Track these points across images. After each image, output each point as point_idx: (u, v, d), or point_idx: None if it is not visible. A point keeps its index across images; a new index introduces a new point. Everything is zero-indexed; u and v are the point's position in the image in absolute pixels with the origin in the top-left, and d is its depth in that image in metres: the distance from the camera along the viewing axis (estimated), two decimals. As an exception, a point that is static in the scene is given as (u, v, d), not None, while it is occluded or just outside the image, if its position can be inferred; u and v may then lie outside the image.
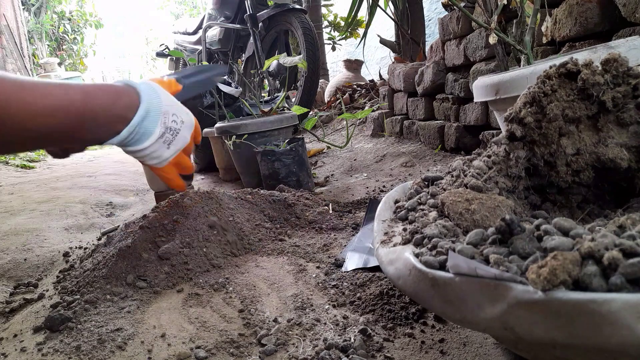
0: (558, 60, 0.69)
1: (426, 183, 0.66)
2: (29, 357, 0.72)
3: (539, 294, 0.32)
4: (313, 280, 0.92)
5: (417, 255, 0.45)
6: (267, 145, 1.88)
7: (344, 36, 4.39)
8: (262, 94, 3.53)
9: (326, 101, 3.94)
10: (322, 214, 1.33)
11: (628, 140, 0.52)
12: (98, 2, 8.23)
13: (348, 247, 1.06)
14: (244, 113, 2.53)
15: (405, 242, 0.50)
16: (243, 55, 3.54)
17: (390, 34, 4.04)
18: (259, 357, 0.67)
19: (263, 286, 0.90)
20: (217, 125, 2.08)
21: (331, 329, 0.73)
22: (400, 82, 2.45)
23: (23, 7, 6.24)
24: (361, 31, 4.16)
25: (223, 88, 2.52)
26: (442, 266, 0.42)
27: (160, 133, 0.63)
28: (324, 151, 2.72)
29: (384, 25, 4.90)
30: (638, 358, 0.31)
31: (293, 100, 3.10)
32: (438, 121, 2.11)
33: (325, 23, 4.73)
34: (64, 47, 7.48)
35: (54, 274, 1.11)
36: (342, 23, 4.61)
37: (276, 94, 3.01)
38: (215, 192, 1.24)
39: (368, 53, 5.76)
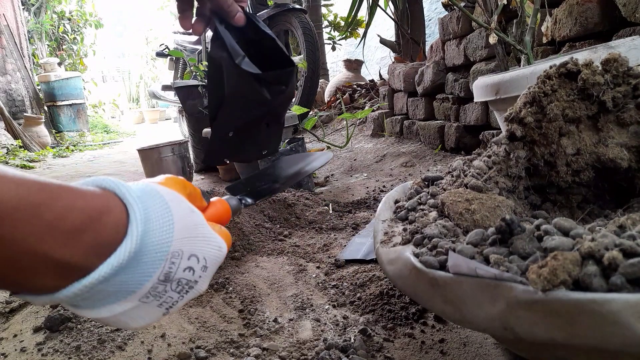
0: (558, 60, 0.69)
1: (426, 183, 0.66)
2: (29, 357, 0.72)
3: (539, 294, 0.32)
4: (313, 280, 0.92)
5: (417, 255, 0.45)
6: (267, 145, 1.87)
7: (344, 36, 4.39)
8: (262, 94, 3.52)
9: (326, 101, 3.94)
10: (322, 214, 1.33)
11: (628, 140, 0.52)
12: (98, 2, 8.23)
13: (348, 247, 1.06)
14: (244, 113, 2.52)
15: (405, 242, 0.50)
16: (243, 55, 3.53)
17: (390, 34, 4.04)
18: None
19: (263, 286, 0.90)
20: (217, 125, 2.08)
21: (331, 329, 0.73)
22: (400, 82, 2.45)
23: (23, 7, 6.24)
24: (361, 31, 4.15)
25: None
26: (442, 266, 0.42)
27: (149, 291, 0.34)
28: (324, 151, 2.72)
29: (384, 25, 4.90)
30: (638, 358, 0.31)
31: (293, 100, 3.10)
32: (438, 121, 2.11)
33: (325, 23, 4.73)
34: (64, 47, 7.48)
35: (54, 274, 1.10)
36: (342, 23, 4.60)
37: (276, 94, 3.00)
38: (215, 193, 1.24)
39: (368, 53, 5.76)
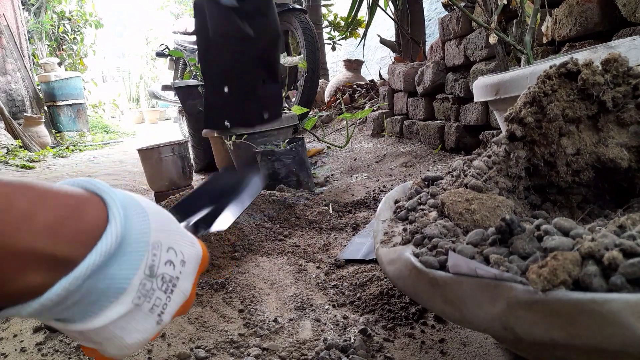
0: (558, 60, 0.69)
1: (426, 183, 0.66)
2: (29, 357, 0.72)
3: (539, 294, 0.32)
4: (313, 280, 0.92)
5: (417, 255, 0.45)
6: (267, 145, 1.88)
7: (344, 36, 4.39)
8: (262, 94, 3.52)
9: (326, 101, 3.94)
10: (322, 214, 1.33)
11: (628, 140, 0.52)
12: (98, 2, 8.22)
13: (348, 247, 1.06)
14: (244, 113, 2.52)
15: (405, 242, 0.50)
16: (243, 55, 3.53)
17: (390, 34, 4.04)
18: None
19: (263, 286, 0.90)
20: (217, 125, 2.08)
21: (331, 329, 0.73)
22: (400, 82, 2.45)
23: (23, 7, 6.24)
24: (361, 31, 4.15)
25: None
26: (442, 266, 0.42)
27: (139, 288, 0.33)
28: (324, 151, 2.72)
29: (384, 25, 4.90)
30: (638, 358, 0.31)
31: (293, 100, 3.10)
32: (438, 121, 2.11)
33: (325, 23, 4.73)
34: (64, 47, 7.48)
35: (54, 274, 1.10)
36: (342, 23, 4.60)
37: (276, 94, 3.00)
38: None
39: (368, 53, 5.76)
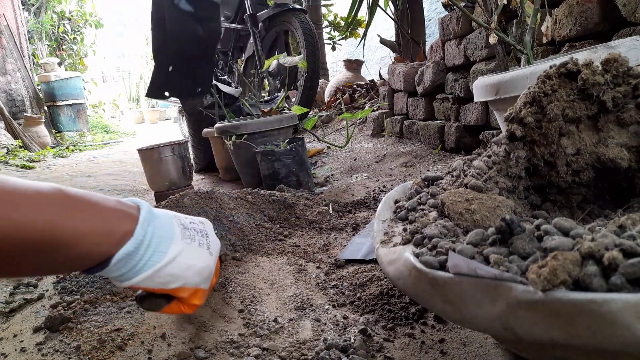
0: (558, 60, 0.69)
1: (426, 183, 0.66)
2: (29, 357, 0.72)
3: (539, 294, 0.32)
4: (313, 280, 0.92)
5: (417, 255, 0.45)
6: (267, 145, 1.88)
7: (344, 36, 4.39)
8: (262, 94, 3.53)
9: (326, 101, 3.94)
10: (322, 214, 1.33)
11: (628, 140, 0.52)
12: (98, 2, 8.22)
13: (348, 247, 1.06)
14: (244, 113, 2.53)
15: (405, 242, 0.50)
16: (243, 55, 3.53)
17: (390, 34, 4.05)
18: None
19: (263, 286, 0.90)
20: (217, 125, 2.08)
21: (331, 329, 0.73)
22: (400, 82, 2.45)
23: (23, 7, 6.24)
24: (361, 31, 4.16)
25: (223, 88, 2.52)
26: (442, 266, 0.42)
27: (182, 234, 0.47)
28: (324, 151, 2.72)
29: (384, 25, 4.90)
30: (638, 358, 0.31)
31: (293, 100, 3.10)
32: (438, 121, 2.11)
33: (325, 23, 4.73)
34: (64, 47, 7.48)
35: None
36: (342, 23, 4.61)
37: (276, 94, 3.01)
38: (215, 193, 1.24)
39: (368, 53, 5.76)
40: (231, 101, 2.57)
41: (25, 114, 5.11)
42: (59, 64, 6.41)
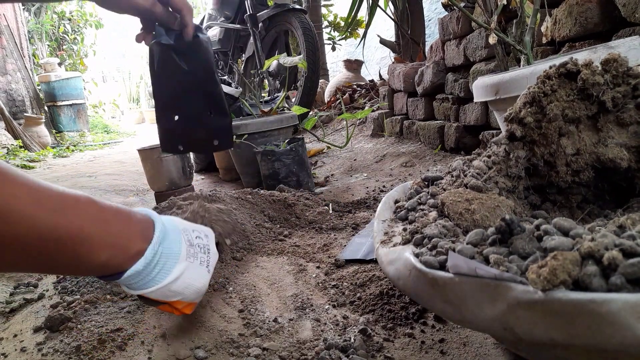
0: (558, 60, 0.69)
1: (426, 183, 0.66)
2: (29, 357, 0.72)
3: (539, 294, 0.32)
4: (313, 280, 0.92)
5: (417, 255, 0.45)
6: (267, 145, 1.88)
7: (344, 36, 4.39)
8: (262, 94, 3.53)
9: (326, 101, 3.94)
10: (322, 214, 1.33)
11: (628, 140, 0.52)
12: (98, 2, 8.20)
13: (348, 247, 1.06)
14: (244, 113, 2.53)
15: (405, 242, 0.50)
16: (243, 55, 3.53)
17: (390, 34, 4.05)
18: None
19: (263, 286, 0.90)
20: (217, 125, 2.08)
21: (331, 329, 0.73)
22: (400, 82, 2.45)
23: (23, 7, 6.24)
24: (361, 31, 4.16)
25: (223, 88, 2.51)
26: (442, 266, 0.42)
27: (187, 252, 0.53)
28: (324, 151, 2.72)
29: (384, 25, 4.90)
30: (638, 358, 0.31)
31: (293, 100, 3.10)
32: (438, 121, 2.11)
33: (325, 23, 4.73)
34: (64, 47, 7.48)
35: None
36: (342, 23, 4.61)
37: (276, 94, 3.00)
38: (215, 194, 1.24)
39: (368, 53, 5.76)
40: (231, 101, 2.57)
41: (25, 114, 5.12)
42: (59, 64, 6.41)
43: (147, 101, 12.02)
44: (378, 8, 3.10)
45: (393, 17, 3.19)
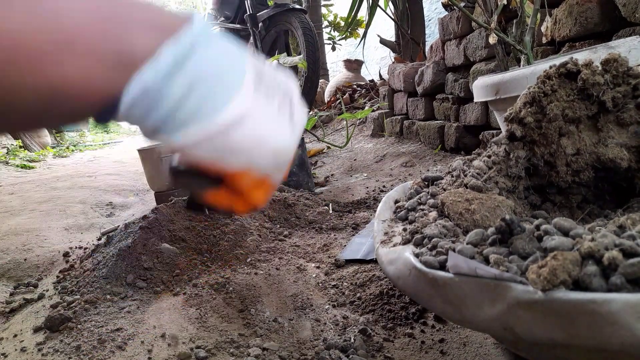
0: (558, 60, 0.69)
1: (426, 183, 0.66)
2: (29, 357, 0.72)
3: (539, 294, 0.32)
4: (313, 280, 0.92)
5: (417, 255, 0.45)
6: (267, 145, 1.87)
7: (344, 36, 4.39)
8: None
9: (326, 101, 3.94)
10: (322, 214, 1.33)
11: (628, 140, 0.52)
12: (98, 2, 8.21)
13: (348, 247, 1.06)
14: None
15: (405, 242, 0.50)
16: (243, 55, 3.53)
17: (390, 34, 4.04)
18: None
19: (263, 286, 0.90)
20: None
21: (331, 329, 0.73)
22: (400, 82, 2.45)
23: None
24: (361, 31, 4.16)
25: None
26: (442, 266, 0.42)
27: (254, 84, 0.29)
28: (324, 151, 2.72)
29: (384, 25, 4.90)
30: (638, 358, 0.31)
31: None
32: (438, 121, 2.11)
33: (325, 23, 4.73)
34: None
35: (54, 274, 1.10)
36: (342, 23, 4.61)
37: (276, 94, 3.00)
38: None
39: (368, 53, 5.76)
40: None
41: (25, 114, 5.11)
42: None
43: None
44: (378, 8, 3.10)
45: (393, 17, 3.19)
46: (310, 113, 3.07)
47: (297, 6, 2.92)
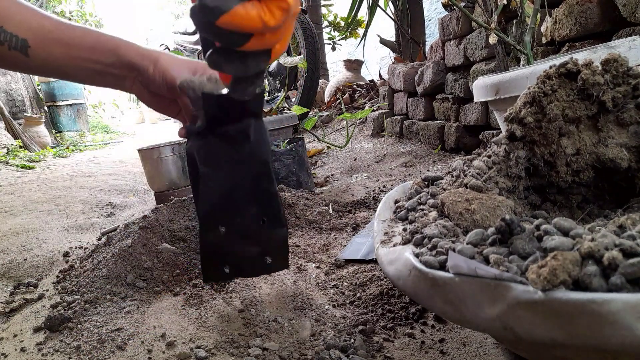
0: (558, 60, 0.69)
1: (426, 183, 0.66)
2: (29, 357, 0.72)
3: (539, 294, 0.32)
4: (313, 280, 0.92)
5: (417, 255, 0.45)
6: (267, 145, 1.87)
7: (344, 36, 4.39)
8: (262, 94, 3.51)
9: (326, 101, 3.94)
10: (322, 214, 1.33)
11: (628, 140, 0.52)
12: (98, 2, 8.23)
13: (348, 247, 1.06)
14: (244, 113, 2.52)
15: (405, 242, 0.50)
16: (243, 55, 3.52)
17: (390, 34, 4.04)
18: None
19: (263, 286, 0.90)
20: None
21: (331, 329, 0.73)
22: (400, 82, 2.45)
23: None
24: (361, 31, 4.15)
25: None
26: (442, 266, 0.42)
27: None
28: (324, 151, 2.72)
29: (384, 25, 4.90)
30: (638, 358, 0.31)
31: (293, 100, 3.10)
32: (438, 121, 2.11)
33: (325, 23, 4.73)
34: (64, 47, 7.46)
35: (54, 274, 1.11)
36: (342, 23, 4.61)
37: (276, 94, 3.01)
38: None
39: (368, 53, 5.75)
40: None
41: (25, 114, 5.11)
42: (59, 64, 6.39)
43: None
44: (378, 8, 3.10)
45: (393, 17, 3.19)
46: (310, 113, 3.07)
47: (297, 6, 2.92)
